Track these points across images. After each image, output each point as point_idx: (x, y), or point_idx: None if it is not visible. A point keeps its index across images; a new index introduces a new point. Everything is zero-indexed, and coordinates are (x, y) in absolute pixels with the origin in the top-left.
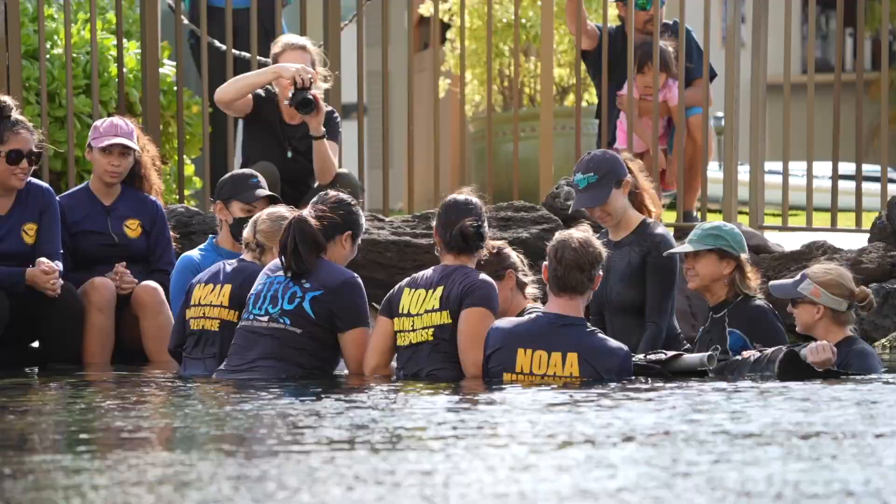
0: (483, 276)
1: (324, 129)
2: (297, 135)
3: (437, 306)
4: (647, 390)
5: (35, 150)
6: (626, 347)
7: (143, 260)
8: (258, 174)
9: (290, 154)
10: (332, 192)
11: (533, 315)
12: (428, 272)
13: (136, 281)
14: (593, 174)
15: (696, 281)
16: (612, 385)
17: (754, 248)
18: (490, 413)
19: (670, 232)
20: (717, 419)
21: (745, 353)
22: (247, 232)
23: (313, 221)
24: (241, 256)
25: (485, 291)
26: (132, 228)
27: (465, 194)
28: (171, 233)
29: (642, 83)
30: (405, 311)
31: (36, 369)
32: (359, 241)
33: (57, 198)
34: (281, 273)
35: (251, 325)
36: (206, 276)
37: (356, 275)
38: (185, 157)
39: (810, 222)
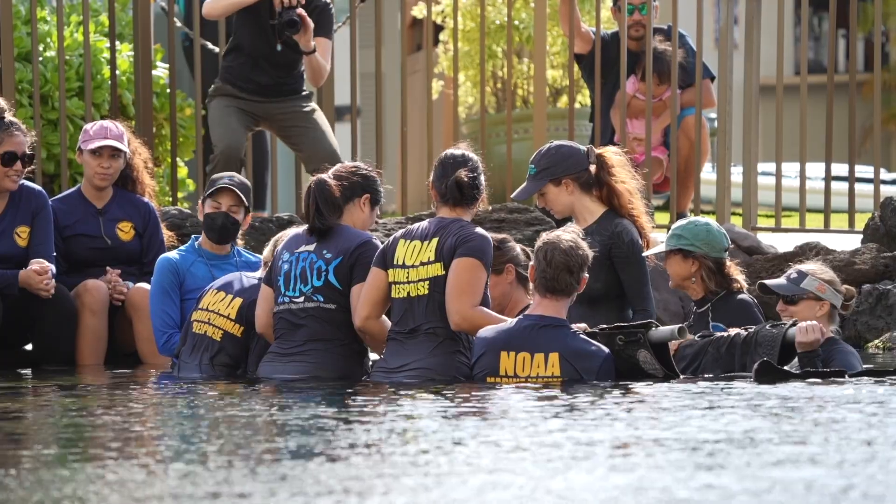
0: (479, 229)
1: (313, 43)
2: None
3: (431, 258)
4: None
5: (28, 151)
6: (606, 349)
7: (136, 262)
8: (233, 174)
9: (279, 48)
10: (349, 163)
11: (515, 319)
12: (423, 224)
13: (129, 286)
14: (534, 167)
15: (672, 281)
16: (577, 389)
17: (747, 250)
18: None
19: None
20: (618, 426)
21: (732, 330)
22: (266, 251)
23: (333, 182)
24: (260, 275)
25: (477, 243)
26: (125, 231)
27: (462, 148)
28: (166, 232)
29: (643, 91)
30: (400, 263)
31: (29, 372)
32: (378, 209)
33: (49, 201)
34: (303, 248)
35: (289, 308)
36: (220, 283)
37: (374, 236)
38: (178, 159)
39: (803, 223)
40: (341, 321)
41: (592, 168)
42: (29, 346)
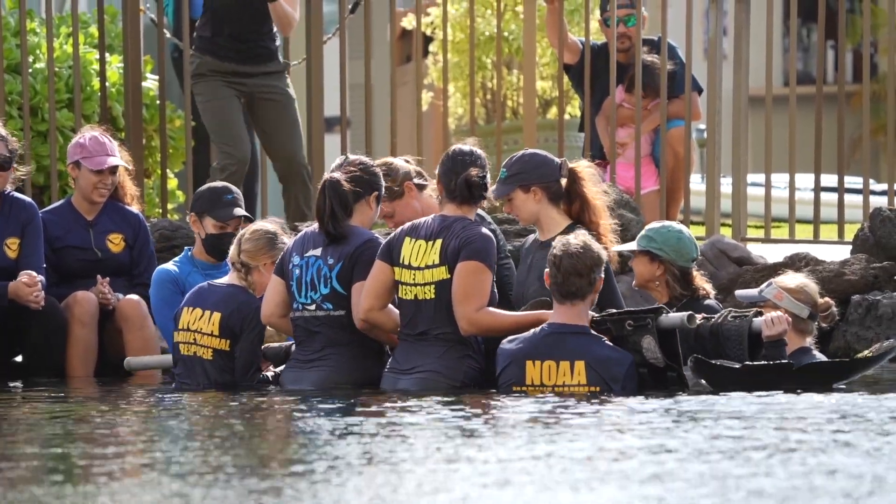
0: (482, 229)
1: None
2: None
3: (436, 261)
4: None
5: (5, 155)
6: (630, 355)
7: (126, 274)
8: (236, 190)
9: None
10: (353, 156)
11: (538, 328)
12: (428, 220)
13: (118, 297)
14: (505, 171)
15: (636, 280)
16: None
17: (736, 261)
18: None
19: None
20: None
21: (697, 317)
22: (232, 251)
23: (347, 184)
24: (230, 280)
25: (479, 244)
26: (115, 243)
27: (470, 145)
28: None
29: (630, 102)
30: (406, 263)
31: (19, 383)
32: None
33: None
34: (311, 252)
35: (303, 315)
36: (192, 298)
37: (376, 234)
38: (168, 170)
39: (793, 234)
40: (352, 325)
41: (563, 181)
42: (19, 358)
